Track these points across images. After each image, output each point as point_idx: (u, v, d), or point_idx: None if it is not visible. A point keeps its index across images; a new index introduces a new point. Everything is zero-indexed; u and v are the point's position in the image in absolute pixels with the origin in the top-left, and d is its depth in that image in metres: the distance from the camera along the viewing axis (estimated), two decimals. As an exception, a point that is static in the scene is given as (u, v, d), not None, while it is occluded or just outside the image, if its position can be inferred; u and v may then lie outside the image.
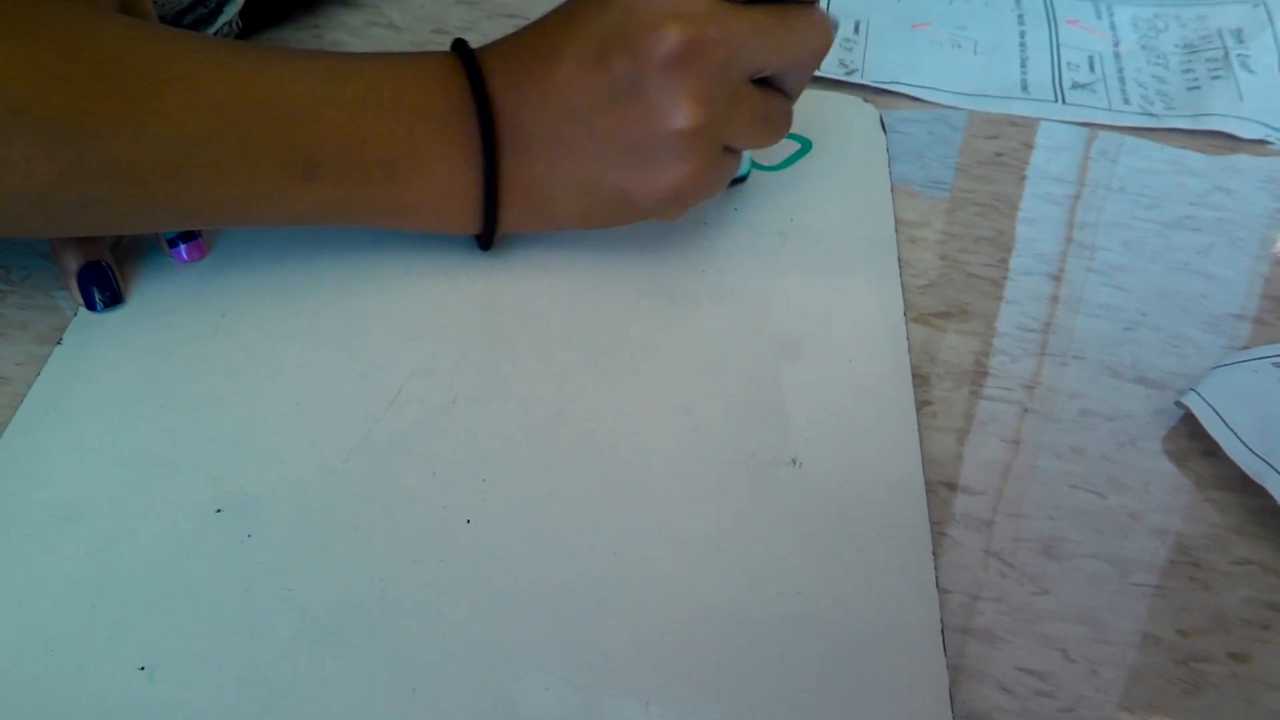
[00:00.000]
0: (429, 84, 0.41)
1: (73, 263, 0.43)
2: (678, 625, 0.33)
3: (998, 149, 0.55)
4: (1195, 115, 0.57)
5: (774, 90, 0.43)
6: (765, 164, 0.51)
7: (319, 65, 0.40)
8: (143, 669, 0.32)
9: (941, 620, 0.34)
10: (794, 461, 0.38)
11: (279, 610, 0.33)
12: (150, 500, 0.36)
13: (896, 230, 0.48)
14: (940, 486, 0.39)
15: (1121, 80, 0.59)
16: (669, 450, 0.39)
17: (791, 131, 0.53)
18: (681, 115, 0.39)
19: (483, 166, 0.41)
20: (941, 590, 0.36)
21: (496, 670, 0.32)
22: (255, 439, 0.38)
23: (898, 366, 0.42)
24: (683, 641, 0.33)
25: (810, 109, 0.55)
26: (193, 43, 0.39)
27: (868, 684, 0.32)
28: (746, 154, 0.47)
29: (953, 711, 0.32)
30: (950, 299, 0.46)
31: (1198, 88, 0.58)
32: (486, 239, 0.44)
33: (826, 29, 0.42)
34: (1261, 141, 0.55)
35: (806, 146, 0.53)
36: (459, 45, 0.42)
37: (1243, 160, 0.54)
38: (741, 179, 0.49)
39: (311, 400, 0.40)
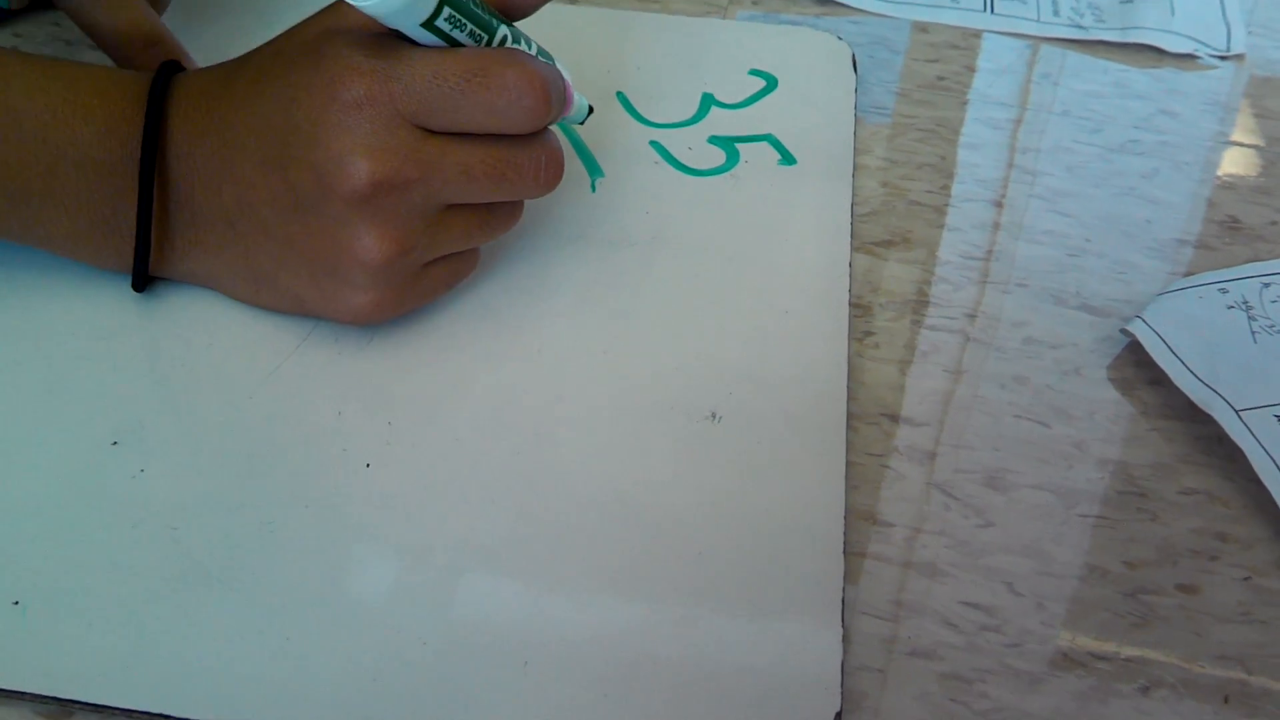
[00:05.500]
0: (88, 124, 0.36)
1: None
2: (565, 583, 0.32)
3: (939, 73, 0.53)
4: (1123, 28, 0.55)
5: None
6: (726, 102, 0.49)
7: None
8: (16, 603, 0.31)
9: (843, 600, 0.32)
10: (713, 416, 0.37)
11: (162, 549, 0.32)
12: (47, 429, 0.35)
13: (854, 176, 0.46)
14: (882, 418, 0.37)
15: (1054, -9, 0.58)
16: (585, 401, 0.37)
17: (758, 68, 0.51)
18: (367, 250, 0.34)
19: (135, 232, 0.36)
20: (884, 524, 0.34)
21: (372, 624, 0.31)
22: (161, 370, 0.37)
23: (835, 322, 0.40)
24: (566, 600, 0.32)
25: (781, 44, 0.52)
26: None
27: (761, 653, 0.31)
28: (582, 100, 0.40)
29: (844, 659, 0.31)
30: (893, 227, 0.45)
31: (1131, 1, 0.57)
32: (138, 281, 0.38)
33: (547, 181, 0.37)
34: (1189, 56, 0.54)
35: (772, 84, 0.50)
36: (165, 69, 0.36)
37: (1187, 83, 0.53)
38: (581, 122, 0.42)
39: (224, 333, 0.38)
